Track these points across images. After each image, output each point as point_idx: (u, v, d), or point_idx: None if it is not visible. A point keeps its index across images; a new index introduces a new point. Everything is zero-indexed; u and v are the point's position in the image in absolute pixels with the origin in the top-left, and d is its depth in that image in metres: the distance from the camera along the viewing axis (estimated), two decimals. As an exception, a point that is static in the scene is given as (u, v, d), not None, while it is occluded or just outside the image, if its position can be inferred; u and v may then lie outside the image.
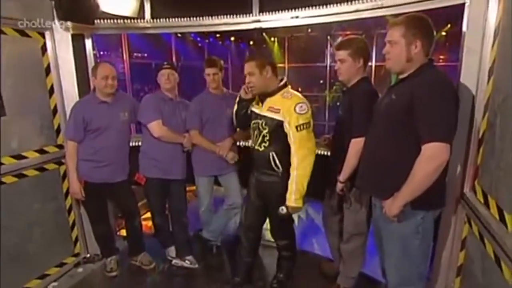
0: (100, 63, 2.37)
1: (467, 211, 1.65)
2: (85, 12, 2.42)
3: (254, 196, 2.19)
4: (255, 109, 2.08)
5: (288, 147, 1.92)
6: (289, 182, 1.91)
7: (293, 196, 1.89)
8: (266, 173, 2.05)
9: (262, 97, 2.03)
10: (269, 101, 1.99)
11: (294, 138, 1.88)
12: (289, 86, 2.02)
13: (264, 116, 1.99)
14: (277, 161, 1.98)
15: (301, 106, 1.87)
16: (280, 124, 1.92)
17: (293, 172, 1.89)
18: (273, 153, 1.98)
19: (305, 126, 1.87)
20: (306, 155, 1.89)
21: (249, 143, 2.95)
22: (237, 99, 2.20)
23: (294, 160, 1.89)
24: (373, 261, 2.02)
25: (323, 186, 2.27)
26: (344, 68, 1.91)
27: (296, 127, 1.86)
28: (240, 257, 2.41)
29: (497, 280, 1.31)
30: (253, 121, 2.08)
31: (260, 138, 2.01)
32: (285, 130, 1.91)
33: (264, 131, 1.98)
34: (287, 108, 1.89)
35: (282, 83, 2.00)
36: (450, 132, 1.39)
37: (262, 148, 2.01)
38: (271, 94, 1.98)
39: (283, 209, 1.93)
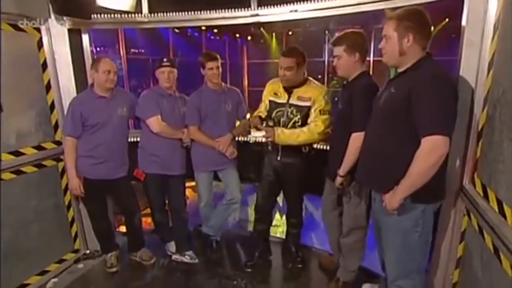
0: (101, 58, 2.34)
1: (467, 203, 1.65)
2: (82, 6, 2.40)
3: None
4: None
5: None
6: None
7: None
8: None
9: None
10: None
11: None
12: None
13: None
14: None
15: None
16: None
17: None
18: None
19: None
20: None
21: (248, 138, 2.98)
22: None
23: None
24: (373, 255, 2.04)
25: (322, 180, 2.28)
26: (340, 64, 1.94)
27: None
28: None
29: (496, 272, 1.32)
30: None
31: None
32: None
33: None
34: None
35: None
36: (449, 125, 1.39)
37: None
38: None
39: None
